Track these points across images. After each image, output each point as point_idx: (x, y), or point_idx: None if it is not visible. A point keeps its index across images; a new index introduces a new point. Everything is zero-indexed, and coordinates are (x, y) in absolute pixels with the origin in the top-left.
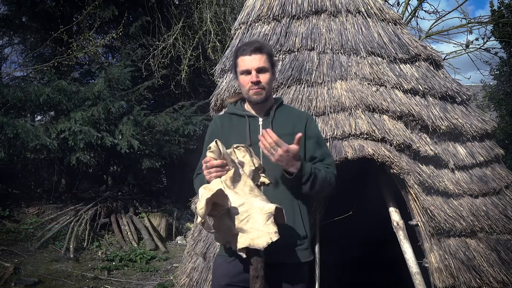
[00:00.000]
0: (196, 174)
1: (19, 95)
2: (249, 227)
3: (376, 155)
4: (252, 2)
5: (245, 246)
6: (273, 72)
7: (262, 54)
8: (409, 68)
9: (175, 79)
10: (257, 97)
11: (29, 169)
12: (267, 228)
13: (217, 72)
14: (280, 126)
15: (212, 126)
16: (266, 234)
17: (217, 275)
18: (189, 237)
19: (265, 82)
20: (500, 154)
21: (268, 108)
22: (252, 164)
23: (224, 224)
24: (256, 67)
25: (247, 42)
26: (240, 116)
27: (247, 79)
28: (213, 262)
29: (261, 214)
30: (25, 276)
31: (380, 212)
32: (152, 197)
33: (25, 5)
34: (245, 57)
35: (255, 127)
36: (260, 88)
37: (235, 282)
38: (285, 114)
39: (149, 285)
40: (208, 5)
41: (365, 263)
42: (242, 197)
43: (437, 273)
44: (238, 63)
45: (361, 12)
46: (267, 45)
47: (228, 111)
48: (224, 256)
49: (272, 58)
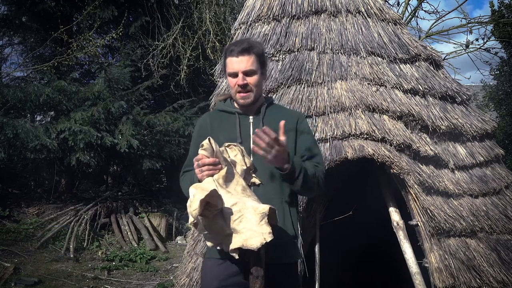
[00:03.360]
0: (183, 172)
1: (19, 95)
2: (242, 227)
3: (376, 155)
4: (252, 2)
5: (238, 246)
6: (263, 72)
7: (250, 55)
8: (409, 68)
9: (175, 79)
10: (243, 101)
11: (29, 169)
12: (261, 229)
13: (217, 72)
14: (271, 124)
15: (201, 122)
16: (260, 234)
17: (206, 278)
18: (189, 237)
19: (253, 85)
20: (500, 154)
21: (258, 107)
22: (244, 163)
23: (216, 224)
24: (243, 70)
25: (236, 42)
26: (230, 113)
27: (234, 81)
28: (202, 264)
29: (254, 214)
30: (25, 276)
31: (380, 212)
32: (152, 197)
33: (25, 5)
34: (233, 59)
35: (246, 124)
36: (247, 92)
37: (225, 286)
38: (276, 112)
39: (149, 285)
40: (207, 5)
41: (365, 263)
42: (235, 197)
43: (437, 273)
44: (227, 64)
45: (361, 12)
46: (256, 45)
47: (217, 108)
48: (213, 259)
49: (262, 57)
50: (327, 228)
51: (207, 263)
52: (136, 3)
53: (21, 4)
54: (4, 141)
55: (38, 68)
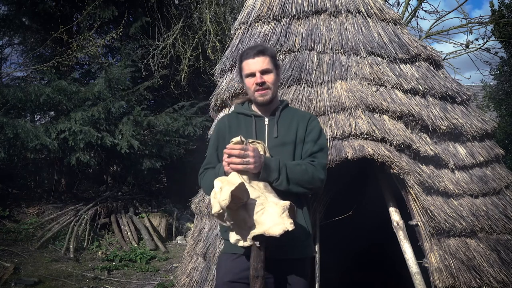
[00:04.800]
0: (204, 169)
1: (19, 95)
2: (263, 219)
3: (376, 155)
4: (252, 2)
5: (260, 233)
6: (278, 73)
7: (265, 56)
8: (409, 68)
9: (175, 79)
10: (262, 99)
11: (29, 169)
12: (282, 220)
13: (217, 72)
14: (285, 126)
15: (220, 124)
16: (282, 223)
17: (220, 271)
18: (189, 237)
19: (270, 83)
20: (500, 154)
21: (274, 109)
22: None
23: (239, 216)
24: (260, 69)
25: (250, 47)
26: (247, 116)
27: (252, 81)
28: (218, 258)
29: (275, 208)
30: (25, 276)
31: (380, 212)
32: (152, 197)
33: (25, 5)
34: (249, 61)
35: (261, 127)
36: (265, 89)
37: (238, 279)
38: (290, 115)
39: (149, 285)
40: (208, 5)
41: (365, 263)
42: (258, 191)
43: (437, 273)
44: (243, 67)
45: (361, 12)
46: (270, 48)
47: (235, 111)
48: (228, 254)
49: (276, 60)
50: (327, 228)
51: (222, 257)
52: (136, 3)
53: (21, 4)
54: (4, 141)
55: (38, 68)
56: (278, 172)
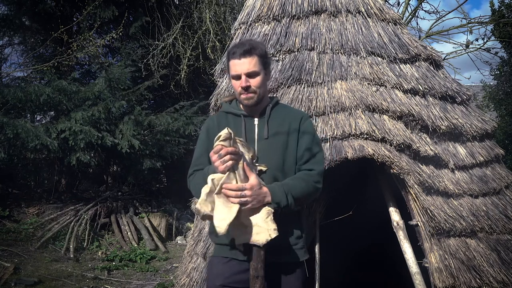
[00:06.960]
0: (193, 171)
1: (19, 95)
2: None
3: (376, 155)
4: (252, 2)
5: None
6: (266, 73)
7: (253, 56)
8: (409, 68)
9: (175, 79)
10: (247, 102)
11: (29, 169)
12: (266, 225)
13: (217, 72)
14: (276, 125)
15: (209, 123)
16: (265, 230)
17: (212, 275)
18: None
19: (256, 86)
20: (500, 154)
21: (263, 108)
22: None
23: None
24: (246, 71)
25: (238, 44)
26: (236, 116)
27: (238, 83)
28: (208, 262)
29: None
30: (25, 276)
31: (380, 212)
32: (152, 197)
33: (25, 5)
34: (235, 61)
35: (251, 127)
36: (250, 93)
37: (230, 283)
38: (281, 113)
39: (149, 285)
40: (207, 5)
41: (365, 263)
42: None
43: (437, 273)
44: (230, 67)
45: (361, 12)
46: (258, 46)
47: (223, 110)
48: (219, 257)
49: (265, 58)
50: (327, 228)
51: (213, 261)
52: (136, 3)
53: (21, 4)
54: (4, 141)
55: (38, 68)
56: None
